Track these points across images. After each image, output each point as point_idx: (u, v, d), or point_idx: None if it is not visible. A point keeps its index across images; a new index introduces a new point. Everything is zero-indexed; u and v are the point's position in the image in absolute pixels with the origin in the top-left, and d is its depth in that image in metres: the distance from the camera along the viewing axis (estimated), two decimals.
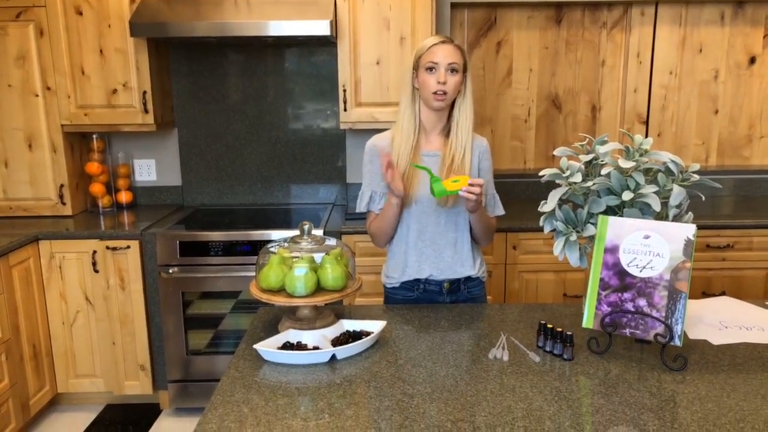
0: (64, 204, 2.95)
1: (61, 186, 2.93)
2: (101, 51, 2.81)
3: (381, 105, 2.84)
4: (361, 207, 1.87)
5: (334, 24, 2.71)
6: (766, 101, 3.28)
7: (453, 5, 3.10)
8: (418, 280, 1.84)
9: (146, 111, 2.85)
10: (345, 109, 2.83)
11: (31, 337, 2.63)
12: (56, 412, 2.87)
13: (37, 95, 2.83)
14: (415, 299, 1.86)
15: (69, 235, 2.69)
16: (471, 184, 1.59)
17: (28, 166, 2.90)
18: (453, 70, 1.71)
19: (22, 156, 2.89)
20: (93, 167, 3.05)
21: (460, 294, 1.87)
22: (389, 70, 2.80)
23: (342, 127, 2.88)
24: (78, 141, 3.05)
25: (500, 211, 1.90)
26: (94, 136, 3.06)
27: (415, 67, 1.76)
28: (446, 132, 1.81)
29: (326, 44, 3.08)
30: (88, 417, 2.82)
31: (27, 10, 2.75)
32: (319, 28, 2.60)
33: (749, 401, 1.21)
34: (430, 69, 1.71)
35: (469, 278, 1.87)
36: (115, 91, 2.84)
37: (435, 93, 1.71)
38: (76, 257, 2.70)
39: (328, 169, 3.25)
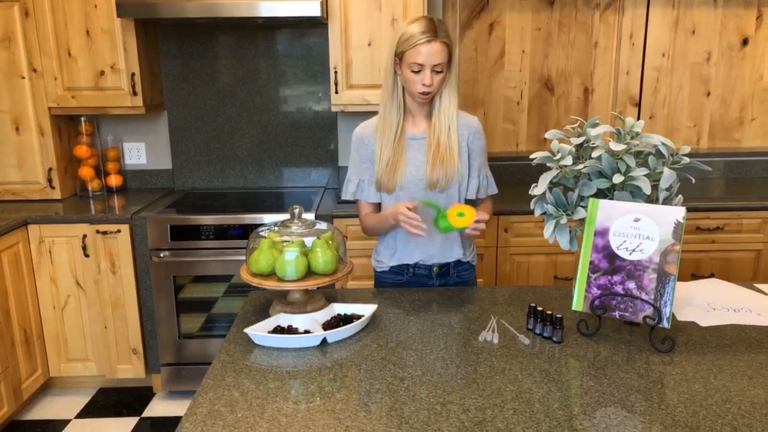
0: (53, 188, 2.93)
1: (50, 170, 2.90)
2: (88, 32, 2.76)
3: (373, 87, 2.81)
4: (347, 195, 1.85)
5: (325, 5, 2.68)
6: (758, 83, 3.28)
7: None
8: (407, 265, 1.85)
9: (135, 93, 2.82)
10: (336, 92, 2.81)
11: (22, 321, 2.62)
12: (49, 395, 2.87)
13: (24, 77, 2.79)
14: (404, 283, 1.87)
15: (58, 219, 2.67)
16: (477, 221, 1.58)
17: (15, 150, 2.87)
18: (438, 71, 1.67)
19: (9, 139, 2.85)
20: (81, 150, 3.02)
21: (450, 278, 1.87)
22: (381, 52, 2.78)
23: (333, 109, 2.86)
24: (66, 124, 3.01)
25: (493, 190, 1.90)
26: (83, 119, 3.03)
27: (398, 56, 1.69)
28: (429, 118, 1.78)
29: (317, 25, 3.05)
30: (81, 401, 2.83)
31: None
32: (310, 9, 2.57)
33: (736, 382, 1.22)
34: (416, 71, 1.65)
35: (458, 262, 1.87)
36: (102, 73, 2.81)
37: (419, 93, 1.68)
38: (66, 241, 2.68)
39: (319, 153, 3.23)
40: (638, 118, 3.27)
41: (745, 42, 3.23)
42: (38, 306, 2.73)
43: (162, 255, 2.65)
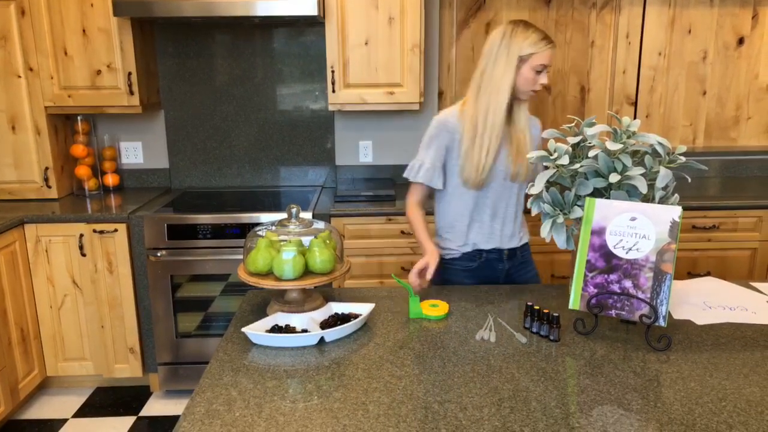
0: (49, 187, 2.92)
1: (46, 169, 2.90)
2: (84, 31, 2.76)
3: (370, 86, 2.82)
4: (416, 176, 1.89)
5: (322, 4, 2.68)
6: (754, 82, 3.29)
7: None
8: (480, 251, 1.91)
9: (131, 92, 2.82)
10: (333, 91, 2.81)
11: (19, 321, 2.62)
12: (46, 395, 2.87)
13: (20, 76, 2.78)
14: (475, 269, 1.93)
15: (55, 218, 2.67)
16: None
17: (11, 149, 2.86)
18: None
19: (5, 138, 2.84)
20: (78, 150, 3.01)
21: (516, 259, 1.96)
22: (378, 51, 2.78)
23: (330, 108, 2.86)
24: (62, 123, 3.00)
25: None
26: (79, 118, 3.02)
27: (523, 58, 1.77)
28: (509, 113, 1.87)
29: (314, 24, 3.05)
30: (78, 400, 2.83)
31: None
32: (306, 8, 2.57)
33: (731, 380, 1.23)
34: (539, 72, 1.79)
35: (525, 244, 1.98)
36: (99, 72, 2.80)
37: (534, 90, 1.81)
38: (63, 241, 2.68)
39: (316, 152, 3.23)
40: (635, 118, 3.29)
41: (740, 41, 3.24)
42: (35, 305, 2.73)
43: (159, 254, 2.65)
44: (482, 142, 1.80)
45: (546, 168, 1.53)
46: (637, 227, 1.38)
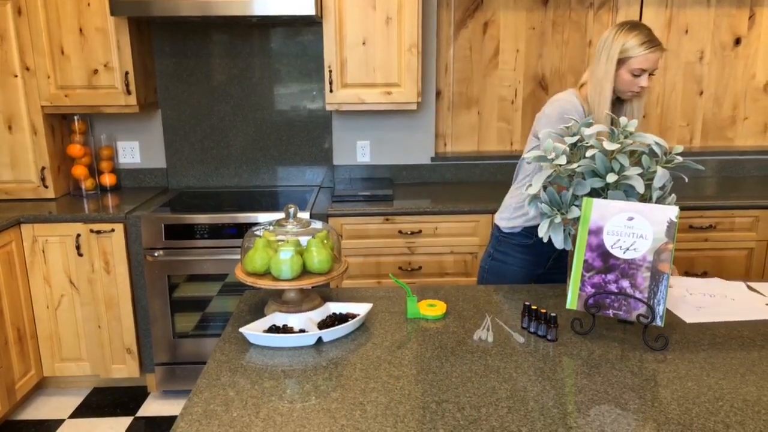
0: (46, 187, 2.91)
1: (43, 168, 2.89)
2: (81, 30, 2.75)
3: (367, 86, 2.82)
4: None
5: (319, 3, 2.68)
6: (751, 82, 3.30)
7: None
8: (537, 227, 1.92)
9: (129, 92, 2.81)
10: (331, 90, 2.81)
11: (15, 321, 2.61)
12: (43, 395, 2.86)
13: (16, 76, 2.78)
14: (530, 245, 2.00)
15: (52, 218, 2.66)
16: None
17: (8, 149, 2.85)
18: (652, 74, 1.85)
19: (1, 138, 2.83)
20: (75, 149, 3.00)
21: (565, 252, 1.97)
22: (375, 51, 2.78)
23: (328, 108, 2.85)
24: (59, 122, 3.00)
25: None
26: (76, 117, 3.02)
27: (622, 60, 1.81)
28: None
29: (312, 24, 3.04)
30: (75, 400, 2.82)
31: None
32: (304, 7, 2.57)
33: (728, 380, 1.23)
34: (637, 75, 1.82)
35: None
36: (96, 71, 2.79)
37: (631, 92, 1.85)
38: (60, 241, 2.67)
39: (314, 151, 3.23)
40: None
41: (737, 41, 3.25)
42: (32, 305, 2.72)
43: (156, 254, 2.65)
44: None
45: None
46: (634, 227, 1.39)
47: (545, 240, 1.51)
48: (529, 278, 2.08)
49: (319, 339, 1.41)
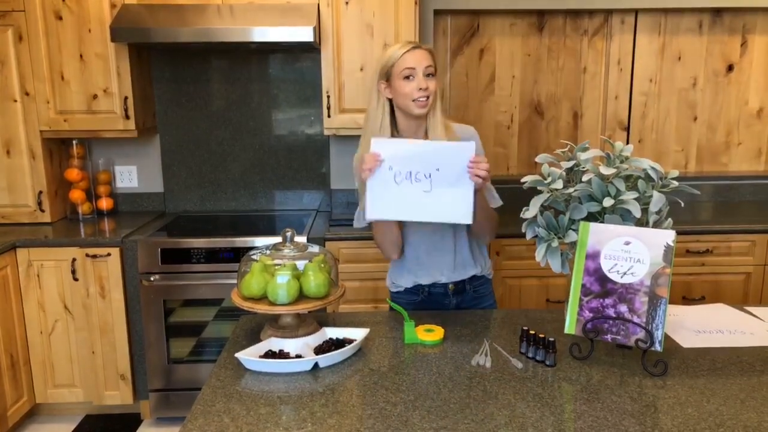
0: (42, 211, 2.91)
1: (40, 193, 2.89)
2: (81, 56, 2.77)
3: (365, 111, 2.83)
4: (360, 223, 1.80)
5: (318, 30, 2.71)
6: (744, 108, 3.34)
7: (436, 12, 3.12)
8: (422, 285, 1.83)
9: (127, 117, 2.83)
10: (329, 116, 2.83)
11: (8, 346, 2.58)
12: (35, 423, 2.82)
13: (16, 101, 2.79)
14: (420, 302, 1.85)
15: (48, 242, 2.65)
16: (473, 161, 1.54)
17: (5, 173, 2.86)
18: (430, 75, 1.68)
19: None
20: (73, 174, 3.01)
21: (467, 294, 1.85)
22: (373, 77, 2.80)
23: (326, 133, 2.87)
24: (57, 147, 3.01)
25: (496, 201, 1.85)
26: (74, 142, 3.03)
27: (386, 77, 1.69)
28: (424, 135, 1.76)
29: (310, 50, 3.08)
30: (67, 428, 2.77)
31: (6, 14, 2.71)
32: (303, 34, 2.60)
33: (729, 406, 1.22)
34: (408, 77, 1.65)
35: (474, 277, 1.85)
36: (95, 96, 2.81)
37: (416, 100, 1.66)
38: (55, 265, 2.66)
39: (312, 176, 3.24)
40: (627, 143, 3.32)
41: (730, 68, 3.29)
42: (25, 331, 2.69)
43: (152, 278, 2.63)
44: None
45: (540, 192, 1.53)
46: (631, 251, 1.39)
47: (542, 265, 1.51)
48: None
49: (316, 364, 1.40)
